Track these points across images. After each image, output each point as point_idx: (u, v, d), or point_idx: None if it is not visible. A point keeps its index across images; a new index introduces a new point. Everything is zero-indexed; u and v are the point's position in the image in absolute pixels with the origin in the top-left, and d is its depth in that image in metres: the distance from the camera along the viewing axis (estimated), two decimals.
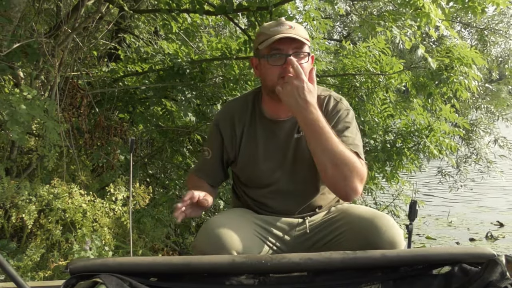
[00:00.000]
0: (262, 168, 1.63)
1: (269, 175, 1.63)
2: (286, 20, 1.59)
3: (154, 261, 1.34)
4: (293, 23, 1.56)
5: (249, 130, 1.65)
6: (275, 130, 1.63)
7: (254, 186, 1.66)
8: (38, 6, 3.23)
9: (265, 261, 1.37)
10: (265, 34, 1.54)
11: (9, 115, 2.31)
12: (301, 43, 1.51)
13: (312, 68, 1.54)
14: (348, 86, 3.95)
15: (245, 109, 1.67)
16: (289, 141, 1.61)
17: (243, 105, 1.68)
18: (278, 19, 1.60)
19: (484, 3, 3.13)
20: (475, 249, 1.37)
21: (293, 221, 1.64)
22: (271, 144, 1.63)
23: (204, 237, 1.44)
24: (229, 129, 1.66)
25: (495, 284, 1.20)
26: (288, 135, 1.62)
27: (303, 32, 1.56)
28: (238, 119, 1.66)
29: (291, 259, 1.41)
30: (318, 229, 1.63)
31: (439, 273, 1.36)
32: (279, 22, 1.56)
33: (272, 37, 1.50)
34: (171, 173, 4.48)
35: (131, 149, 2.05)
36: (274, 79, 1.52)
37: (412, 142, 3.86)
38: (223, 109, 1.76)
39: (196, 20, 4.04)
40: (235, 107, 1.69)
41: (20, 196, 2.50)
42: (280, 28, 1.52)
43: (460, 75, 3.59)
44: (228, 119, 1.67)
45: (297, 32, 1.52)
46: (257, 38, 1.60)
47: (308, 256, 1.42)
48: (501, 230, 6.23)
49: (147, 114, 3.70)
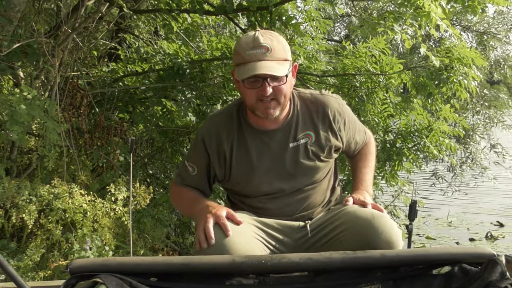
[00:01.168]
0: (259, 180, 1.60)
1: (268, 186, 1.61)
2: (263, 37, 1.49)
3: (154, 261, 1.34)
4: (269, 41, 1.48)
5: (239, 144, 1.60)
6: (266, 141, 1.59)
7: (252, 196, 1.63)
8: (38, 6, 3.23)
9: (265, 261, 1.37)
10: (241, 56, 1.48)
11: (9, 115, 2.31)
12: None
13: (291, 78, 1.56)
14: (348, 86, 3.94)
15: (231, 123, 1.62)
16: (285, 150, 1.59)
17: (227, 119, 1.62)
18: (254, 34, 1.50)
19: (484, 2, 3.13)
20: (475, 249, 1.37)
21: (294, 223, 1.64)
22: (265, 155, 1.60)
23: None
24: (216, 146, 1.60)
25: (495, 284, 1.20)
26: (282, 144, 1.59)
27: (281, 51, 1.50)
28: (225, 135, 1.60)
29: (291, 259, 1.41)
30: (317, 230, 1.63)
31: (439, 273, 1.36)
32: (255, 43, 1.47)
33: (247, 64, 1.45)
34: (171, 173, 4.48)
35: (131, 149, 2.05)
36: (252, 101, 1.50)
37: (412, 142, 3.86)
38: (208, 125, 1.67)
39: (196, 20, 4.04)
40: (220, 122, 1.63)
41: (20, 196, 2.50)
42: (256, 52, 1.46)
43: (460, 75, 3.59)
44: (214, 135, 1.60)
45: (274, 55, 1.47)
46: (234, 55, 1.54)
47: (308, 256, 1.42)
48: (501, 230, 6.24)
49: (147, 114, 3.69)
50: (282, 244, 1.62)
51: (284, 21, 3.23)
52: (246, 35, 1.53)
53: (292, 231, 1.63)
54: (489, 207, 7.28)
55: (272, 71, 1.45)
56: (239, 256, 1.33)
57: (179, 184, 1.69)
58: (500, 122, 6.39)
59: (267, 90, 1.46)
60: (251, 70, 1.44)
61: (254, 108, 1.52)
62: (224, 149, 1.60)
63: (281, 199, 1.62)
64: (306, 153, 1.60)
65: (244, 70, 1.46)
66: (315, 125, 1.62)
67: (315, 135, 1.61)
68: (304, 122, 1.62)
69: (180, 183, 1.69)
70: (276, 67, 1.46)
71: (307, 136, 1.61)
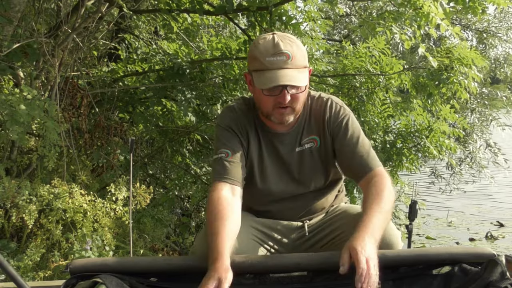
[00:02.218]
0: (264, 181, 1.59)
1: (272, 188, 1.59)
2: (283, 42, 1.42)
3: (154, 262, 1.34)
4: (290, 47, 1.43)
5: (254, 141, 1.57)
6: (276, 143, 1.57)
7: (254, 196, 1.60)
8: (38, 6, 3.23)
9: (265, 261, 1.37)
10: (260, 62, 1.42)
11: (9, 115, 2.31)
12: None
13: (308, 84, 1.50)
14: (348, 87, 3.95)
15: (250, 118, 1.58)
16: (291, 154, 1.57)
17: (247, 114, 1.58)
18: (274, 39, 1.43)
19: (484, 2, 3.13)
20: (475, 249, 1.38)
21: (292, 224, 1.64)
22: (274, 158, 1.58)
23: (203, 242, 1.43)
24: (241, 134, 1.56)
25: (495, 284, 1.20)
26: (289, 148, 1.57)
27: (301, 58, 1.45)
28: (246, 127, 1.56)
29: (291, 259, 1.41)
30: (316, 231, 1.63)
31: (439, 273, 1.36)
32: (275, 49, 1.41)
33: (267, 73, 1.40)
34: (171, 173, 4.48)
35: (131, 149, 2.05)
36: (269, 108, 1.46)
37: (412, 143, 3.86)
38: (230, 114, 1.58)
39: (196, 20, 4.04)
40: (241, 114, 1.58)
41: (21, 196, 2.50)
42: (277, 59, 1.40)
43: (460, 76, 3.59)
44: (239, 123, 1.56)
45: (295, 62, 1.42)
46: (251, 59, 1.48)
47: (308, 256, 1.42)
48: (501, 230, 6.24)
49: (147, 114, 3.69)
50: (280, 245, 1.62)
51: (284, 21, 3.23)
52: (264, 40, 1.46)
53: (289, 231, 1.63)
54: (489, 207, 7.28)
55: (294, 81, 1.41)
56: (238, 256, 1.33)
57: (217, 180, 1.48)
58: (495, 120, 6.40)
59: (286, 99, 1.42)
60: (273, 79, 1.39)
61: (269, 114, 1.48)
62: (246, 139, 1.56)
63: (284, 203, 1.62)
64: (311, 158, 1.57)
65: (264, 78, 1.41)
66: (319, 129, 1.57)
67: (320, 140, 1.57)
68: (310, 126, 1.58)
69: (218, 178, 1.48)
70: (297, 76, 1.42)
71: (312, 140, 1.58)
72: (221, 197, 1.41)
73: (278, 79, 1.39)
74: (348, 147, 1.52)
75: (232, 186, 1.45)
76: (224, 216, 1.34)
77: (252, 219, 1.60)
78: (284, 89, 1.41)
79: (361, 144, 1.53)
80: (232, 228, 1.34)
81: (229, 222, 1.34)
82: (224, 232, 1.29)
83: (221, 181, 1.45)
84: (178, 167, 4.34)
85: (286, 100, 1.42)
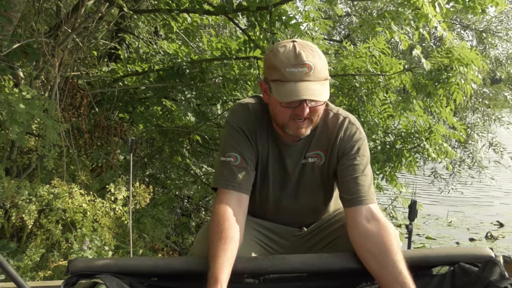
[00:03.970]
0: (266, 190, 1.55)
1: (272, 197, 1.57)
2: (305, 52, 1.33)
3: (155, 264, 1.34)
4: (312, 57, 1.34)
5: (263, 147, 1.50)
6: (283, 153, 1.51)
7: (254, 202, 1.55)
8: (38, 6, 3.23)
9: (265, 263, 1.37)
10: (280, 73, 1.34)
11: (8, 114, 2.31)
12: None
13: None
14: (348, 87, 3.95)
15: (263, 122, 1.50)
16: (295, 166, 1.52)
17: (261, 117, 1.50)
18: (295, 49, 1.34)
19: (485, 3, 3.13)
20: (473, 250, 1.38)
21: (290, 228, 1.64)
22: (278, 167, 1.53)
23: (202, 243, 1.43)
24: (251, 138, 1.48)
25: (495, 284, 1.21)
26: (295, 159, 1.52)
27: (322, 69, 1.36)
28: (259, 131, 1.49)
29: (291, 261, 1.41)
30: (314, 233, 1.63)
31: (438, 272, 1.36)
32: (297, 60, 1.32)
33: (287, 85, 1.32)
34: (171, 173, 4.48)
35: (131, 149, 2.05)
36: (285, 119, 1.39)
37: (411, 144, 3.86)
38: (244, 113, 1.50)
39: (196, 20, 4.04)
40: (254, 115, 1.50)
41: (20, 196, 2.50)
42: (298, 70, 1.32)
43: (460, 76, 3.59)
44: (252, 126, 1.48)
45: (317, 74, 1.33)
46: (269, 69, 1.39)
47: (308, 257, 1.43)
48: (501, 230, 6.23)
49: (147, 114, 3.70)
50: (278, 246, 1.62)
51: (284, 21, 3.23)
52: (284, 48, 1.36)
53: (287, 232, 1.64)
54: (489, 207, 7.28)
55: (316, 95, 1.33)
56: (239, 258, 1.33)
57: (224, 188, 1.41)
58: (498, 119, 6.40)
59: (304, 112, 1.35)
60: (294, 93, 1.31)
61: (285, 126, 1.41)
62: (255, 142, 1.49)
63: (283, 213, 1.61)
64: (312, 174, 1.52)
65: (285, 91, 1.33)
66: (328, 146, 1.49)
67: (326, 157, 1.51)
68: (320, 140, 1.50)
69: (225, 185, 1.41)
70: (319, 90, 1.33)
71: (317, 156, 1.51)
72: (226, 213, 1.35)
73: (300, 93, 1.31)
74: (352, 173, 1.44)
75: (240, 195, 1.40)
76: (227, 237, 1.30)
77: (251, 220, 1.60)
78: (303, 102, 1.34)
79: (366, 173, 1.45)
80: (233, 250, 1.30)
81: (231, 244, 1.29)
82: (224, 257, 1.26)
83: (228, 188, 1.40)
84: (178, 167, 4.34)
85: (304, 113, 1.35)
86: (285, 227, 1.63)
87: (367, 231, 1.35)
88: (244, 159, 1.44)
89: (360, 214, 1.38)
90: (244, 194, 1.42)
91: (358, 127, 1.51)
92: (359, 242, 1.35)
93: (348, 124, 1.49)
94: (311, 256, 1.43)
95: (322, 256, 1.42)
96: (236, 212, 1.37)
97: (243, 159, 1.44)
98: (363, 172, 1.44)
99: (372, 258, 1.30)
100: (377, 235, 1.33)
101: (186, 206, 4.96)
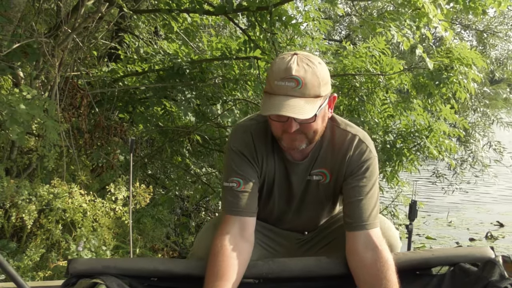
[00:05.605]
0: (272, 205, 1.56)
1: (277, 211, 1.58)
2: (298, 66, 1.28)
3: (155, 268, 1.34)
4: (303, 72, 1.27)
5: (269, 167, 1.47)
6: (289, 171, 1.49)
7: (258, 214, 1.50)
8: (38, 6, 3.23)
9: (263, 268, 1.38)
10: (269, 84, 1.32)
11: (8, 114, 2.31)
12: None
13: (326, 112, 1.38)
14: (348, 87, 3.95)
15: (267, 141, 1.46)
16: (301, 183, 1.50)
17: (264, 136, 1.46)
18: (289, 61, 1.29)
19: (485, 4, 3.13)
20: (473, 251, 1.38)
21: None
22: (285, 184, 1.51)
23: (202, 245, 1.44)
24: (254, 160, 1.45)
25: (495, 284, 1.21)
26: (301, 177, 1.49)
27: (313, 86, 1.29)
28: (264, 152, 1.46)
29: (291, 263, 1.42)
30: (316, 236, 1.64)
31: (438, 273, 1.36)
32: (286, 73, 1.27)
33: (272, 98, 1.29)
34: (171, 173, 4.48)
35: (131, 149, 2.05)
36: (278, 133, 1.37)
37: (412, 143, 3.86)
38: (244, 136, 1.46)
39: (196, 20, 4.04)
40: (256, 136, 1.46)
41: (20, 196, 2.50)
42: (285, 84, 1.27)
43: (460, 76, 3.59)
44: (254, 148, 1.45)
45: (304, 91, 1.27)
46: (266, 79, 1.37)
47: (307, 261, 1.43)
48: (501, 230, 6.23)
49: (147, 114, 3.69)
50: (279, 246, 1.62)
51: (284, 21, 3.23)
52: (281, 60, 1.32)
53: (291, 237, 1.65)
54: (489, 207, 7.27)
55: (296, 112, 1.25)
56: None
57: (228, 214, 1.41)
58: (497, 119, 6.40)
59: (292, 128, 1.32)
60: (275, 107, 1.27)
61: (280, 139, 1.39)
62: (258, 166, 1.46)
63: (286, 224, 1.63)
64: (316, 191, 1.51)
65: (268, 103, 1.30)
66: (335, 164, 1.46)
67: (331, 176, 1.47)
68: (324, 158, 1.47)
69: (229, 212, 1.41)
70: (302, 107, 1.26)
71: (321, 174, 1.48)
72: (225, 246, 1.33)
73: (280, 108, 1.26)
74: (357, 195, 1.41)
75: (243, 219, 1.39)
76: (224, 276, 1.27)
77: None
78: (291, 118, 1.29)
79: (371, 196, 1.41)
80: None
81: (228, 282, 1.27)
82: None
83: (232, 214, 1.39)
84: (178, 167, 4.34)
85: (292, 129, 1.31)
86: (288, 232, 1.65)
87: (363, 260, 1.34)
88: (247, 183, 1.41)
89: (358, 241, 1.37)
90: (249, 217, 1.41)
91: (369, 144, 1.46)
92: (355, 272, 1.36)
93: (358, 143, 1.44)
94: (310, 261, 1.43)
95: (321, 260, 1.42)
96: (237, 245, 1.34)
97: (246, 183, 1.41)
98: (368, 194, 1.41)
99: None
100: (373, 264, 1.32)
101: (186, 206, 4.96)
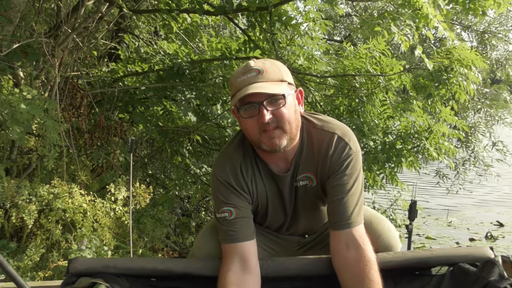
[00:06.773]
0: (269, 222, 1.58)
1: (274, 225, 1.60)
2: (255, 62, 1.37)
3: (155, 268, 1.35)
4: (262, 64, 1.36)
5: (260, 188, 1.48)
6: (280, 186, 1.49)
7: (256, 223, 1.54)
8: (38, 6, 3.23)
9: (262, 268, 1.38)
10: (233, 85, 1.38)
11: (9, 114, 2.31)
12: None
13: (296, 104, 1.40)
14: (348, 87, 3.94)
15: (250, 163, 1.47)
16: (291, 192, 1.50)
17: (246, 159, 1.47)
18: (246, 62, 1.39)
19: (485, 5, 3.13)
20: (472, 251, 1.38)
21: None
22: (277, 200, 1.51)
23: (201, 246, 1.44)
24: (241, 188, 1.45)
25: (494, 284, 1.21)
26: (289, 187, 1.49)
27: (275, 72, 1.36)
28: (250, 176, 1.46)
29: (290, 263, 1.42)
30: (316, 235, 1.65)
31: (437, 273, 1.36)
32: (245, 68, 1.36)
33: (239, 91, 1.33)
34: (171, 173, 4.48)
35: (131, 149, 2.06)
36: (255, 133, 1.36)
37: (411, 144, 3.86)
38: (227, 166, 1.46)
39: (196, 20, 4.04)
40: (239, 163, 1.46)
41: (20, 196, 2.50)
42: (247, 76, 1.34)
43: (460, 77, 3.58)
44: (240, 176, 1.45)
45: (267, 76, 1.34)
46: (231, 88, 1.42)
47: (305, 261, 1.43)
48: (501, 230, 6.23)
49: (147, 114, 3.69)
50: (279, 246, 1.63)
51: (284, 21, 3.23)
52: (240, 67, 1.42)
53: (292, 240, 1.66)
54: (489, 207, 7.28)
55: (264, 89, 1.30)
56: None
57: (226, 243, 1.42)
58: (501, 120, 6.39)
59: (264, 115, 1.31)
60: (241, 94, 1.31)
61: (259, 141, 1.37)
62: (246, 192, 1.46)
63: (286, 230, 1.63)
64: (305, 196, 1.50)
65: (237, 96, 1.34)
66: (318, 165, 1.45)
67: (316, 178, 1.46)
68: (307, 163, 1.46)
69: (227, 241, 1.41)
70: (269, 86, 1.32)
71: (307, 178, 1.47)
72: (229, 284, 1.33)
73: (246, 91, 1.30)
74: (338, 194, 1.40)
75: (243, 245, 1.39)
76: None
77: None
78: (261, 106, 1.31)
79: (352, 193, 1.40)
80: None
81: None
82: None
83: (230, 243, 1.40)
84: (178, 167, 4.34)
85: (265, 117, 1.31)
86: (289, 236, 1.65)
87: (346, 260, 1.34)
88: (239, 210, 1.41)
89: (340, 241, 1.37)
90: (248, 241, 1.40)
91: (349, 140, 1.44)
92: (339, 272, 1.36)
93: (337, 141, 1.42)
94: (309, 260, 1.44)
95: (320, 259, 1.43)
96: (241, 282, 1.34)
97: (237, 210, 1.41)
98: (349, 192, 1.39)
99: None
100: (355, 264, 1.32)
101: (186, 206, 4.97)
